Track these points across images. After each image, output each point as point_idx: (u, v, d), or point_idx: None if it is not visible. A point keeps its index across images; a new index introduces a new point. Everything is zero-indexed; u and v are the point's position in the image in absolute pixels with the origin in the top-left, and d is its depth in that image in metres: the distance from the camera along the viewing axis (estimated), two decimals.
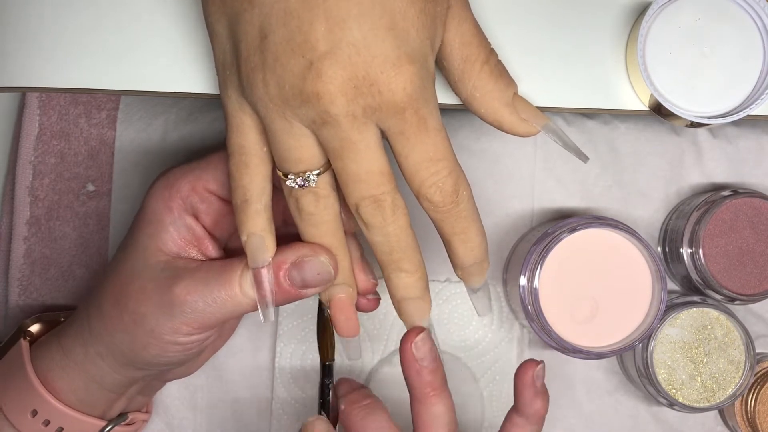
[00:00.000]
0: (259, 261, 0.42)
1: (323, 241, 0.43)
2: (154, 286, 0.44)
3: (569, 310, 0.51)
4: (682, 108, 0.47)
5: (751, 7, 0.47)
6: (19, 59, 0.47)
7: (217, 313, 0.43)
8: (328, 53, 0.37)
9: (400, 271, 0.42)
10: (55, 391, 0.48)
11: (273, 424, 0.57)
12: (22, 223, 0.57)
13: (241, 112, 0.41)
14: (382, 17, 0.37)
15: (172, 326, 0.44)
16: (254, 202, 0.42)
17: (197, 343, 0.45)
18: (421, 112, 0.39)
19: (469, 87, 0.42)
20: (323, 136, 0.39)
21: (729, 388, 0.53)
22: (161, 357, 0.45)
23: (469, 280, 0.44)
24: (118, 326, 0.45)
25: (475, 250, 0.43)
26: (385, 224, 0.41)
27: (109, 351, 0.47)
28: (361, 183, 0.40)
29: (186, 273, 0.44)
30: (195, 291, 0.43)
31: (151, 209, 0.46)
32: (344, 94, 0.37)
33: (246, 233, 0.42)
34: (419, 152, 0.40)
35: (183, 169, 0.47)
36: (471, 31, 0.42)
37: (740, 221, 0.52)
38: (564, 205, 0.57)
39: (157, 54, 0.46)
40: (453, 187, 0.40)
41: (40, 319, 0.53)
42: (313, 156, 0.40)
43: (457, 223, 0.42)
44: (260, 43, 0.38)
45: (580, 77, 0.47)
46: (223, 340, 0.53)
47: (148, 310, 0.44)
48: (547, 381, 0.57)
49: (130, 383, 0.49)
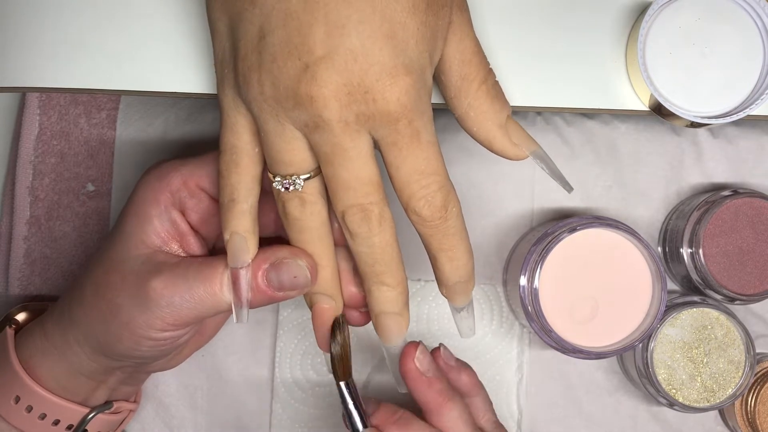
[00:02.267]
0: (239, 261, 0.42)
1: (307, 248, 0.43)
2: (133, 278, 0.44)
3: (569, 310, 0.51)
4: (682, 108, 0.47)
5: (751, 7, 0.47)
6: (19, 59, 0.47)
7: (193, 310, 0.43)
8: (324, 57, 0.37)
9: (381, 285, 0.42)
10: (36, 377, 0.48)
11: (273, 423, 0.57)
12: (22, 223, 0.57)
13: (236, 111, 0.41)
14: (381, 26, 0.37)
15: (145, 320, 0.43)
16: (241, 201, 0.42)
17: (171, 340, 0.45)
18: (414, 123, 0.39)
19: (465, 105, 0.42)
20: (315, 140, 0.39)
21: (729, 388, 0.53)
22: (134, 350, 0.45)
23: (453, 298, 0.43)
24: (97, 315, 0.45)
25: (461, 269, 0.42)
26: (370, 235, 0.40)
27: (86, 339, 0.46)
28: (350, 191, 0.40)
29: (165, 267, 0.44)
30: (173, 286, 0.43)
31: (140, 199, 0.46)
32: (338, 99, 0.37)
33: (229, 232, 0.42)
34: (410, 164, 0.39)
35: (177, 162, 0.46)
36: (471, 49, 0.42)
37: (740, 221, 0.52)
38: (564, 205, 0.57)
39: (157, 54, 0.46)
40: (442, 202, 0.40)
41: (27, 308, 0.53)
42: (303, 160, 0.40)
43: (445, 240, 0.41)
44: (258, 42, 0.38)
45: (580, 77, 0.47)
46: (207, 337, 0.52)
47: (124, 301, 0.44)
48: (547, 381, 0.57)
49: (108, 372, 0.48)
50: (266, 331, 0.57)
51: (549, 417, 0.57)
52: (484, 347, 0.57)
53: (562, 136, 0.57)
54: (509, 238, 0.57)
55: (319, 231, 0.42)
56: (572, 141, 0.57)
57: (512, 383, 0.57)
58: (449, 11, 0.40)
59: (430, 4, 0.38)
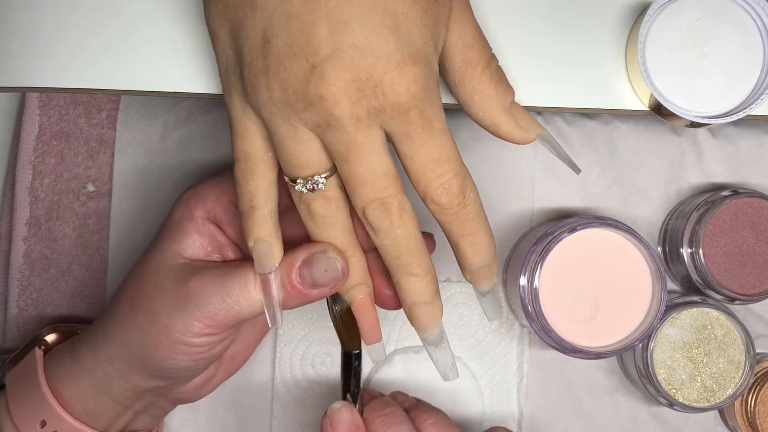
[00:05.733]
0: (266, 267, 0.42)
1: (337, 242, 0.43)
2: (170, 283, 0.44)
3: (569, 310, 0.51)
4: (682, 108, 0.47)
5: (751, 7, 0.47)
6: (19, 59, 0.47)
7: (230, 310, 0.43)
8: (330, 56, 0.37)
9: (409, 275, 0.42)
10: (63, 400, 0.48)
11: (273, 423, 0.57)
12: (22, 223, 0.57)
13: (246, 118, 0.41)
14: (384, 19, 0.37)
15: (184, 322, 0.43)
16: (261, 207, 0.42)
17: (206, 348, 0.45)
18: (426, 113, 0.39)
19: (469, 90, 0.42)
20: (328, 139, 0.39)
21: (729, 388, 0.53)
22: (169, 360, 0.45)
23: (479, 283, 0.44)
24: (132, 325, 0.45)
25: (484, 252, 0.42)
26: (392, 227, 0.41)
27: (119, 353, 0.46)
28: (367, 186, 0.40)
29: (203, 269, 0.44)
30: (211, 285, 0.43)
31: (176, 217, 0.47)
32: (348, 96, 0.37)
33: (253, 239, 0.42)
34: (425, 154, 0.39)
35: (211, 180, 0.47)
36: (473, 35, 0.42)
37: (740, 221, 0.52)
38: (564, 205, 0.57)
39: (158, 54, 0.46)
40: (459, 188, 0.40)
41: (57, 330, 0.53)
42: (320, 159, 0.40)
43: (465, 226, 0.41)
44: (263, 47, 0.38)
45: (580, 77, 0.47)
46: (236, 364, 0.51)
47: (162, 306, 0.44)
48: (547, 381, 0.57)
49: (137, 395, 0.48)
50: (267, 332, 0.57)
51: (549, 417, 0.57)
52: (484, 347, 0.57)
53: (562, 136, 0.57)
54: (509, 238, 0.57)
55: (345, 224, 0.43)
56: (572, 141, 0.57)
57: (512, 383, 0.57)
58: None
59: None
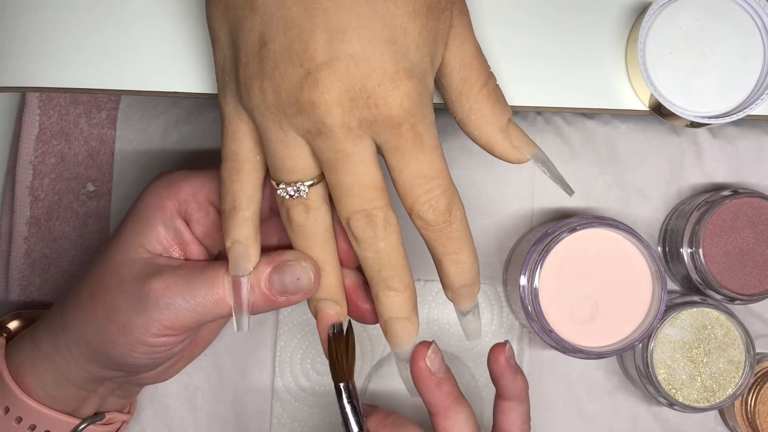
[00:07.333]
0: (240, 269, 0.42)
1: (312, 253, 0.42)
2: (132, 280, 0.43)
3: (569, 310, 0.51)
4: (682, 108, 0.47)
5: (751, 7, 0.47)
6: (19, 59, 0.47)
7: (193, 312, 0.42)
8: (326, 64, 0.37)
9: (388, 290, 0.42)
10: (25, 386, 0.47)
11: (273, 423, 0.57)
12: (22, 223, 0.57)
13: (238, 119, 0.40)
14: (382, 31, 0.37)
15: (143, 323, 0.42)
16: (242, 209, 0.41)
17: (166, 348, 0.44)
18: (417, 128, 0.39)
19: (466, 108, 0.42)
20: (318, 146, 0.39)
21: (729, 388, 0.53)
22: (128, 357, 0.44)
23: (459, 302, 0.43)
24: (91, 319, 0.44)
25: (467, 272, 0.42)
26: (376, 240, 0.40)
27: (77, 344, 0.45)
28: (354, 197, 0.39)
29: (167, 269, 0.43)
30: (174, 286, 0.42)
31: (144, 205, 0.45)
32: (340, 105, 0.37)
33: (231, 240, 0.42)
34: (414, 169, 0.39)
35: (189, 172, 0.46)
36: (472, 53, 0.42)
37: (740, 221, 0.52)
38: (564, 205, 0.57)
39: (157, 54, 0.46)
40: (446, 206, 0.40)
41: (19, 316, 0.52)
42: (307, 167, 0.40)
43: (450, 243, 0.41)
44: (260, 50, 0.38)
45: (580, 77, 0.47)
46: (200, 349, 0.51)
47: (121, 303, 0.43)
48: (547, 381, 0.57)
49: (97, 382, 0.47)
50: (266, 331, 0.57)
51: (549, 417, 0.57)
52: (484, 347, 0.57)
53: (562, 136, 0.57)
54: (509, 238, 0.57)
55: (323, 236, 0.42)
56: (572, 141, 0.57)
57: None
58: (450, 15, 0.40)
59: (431, 9, 0.38)
